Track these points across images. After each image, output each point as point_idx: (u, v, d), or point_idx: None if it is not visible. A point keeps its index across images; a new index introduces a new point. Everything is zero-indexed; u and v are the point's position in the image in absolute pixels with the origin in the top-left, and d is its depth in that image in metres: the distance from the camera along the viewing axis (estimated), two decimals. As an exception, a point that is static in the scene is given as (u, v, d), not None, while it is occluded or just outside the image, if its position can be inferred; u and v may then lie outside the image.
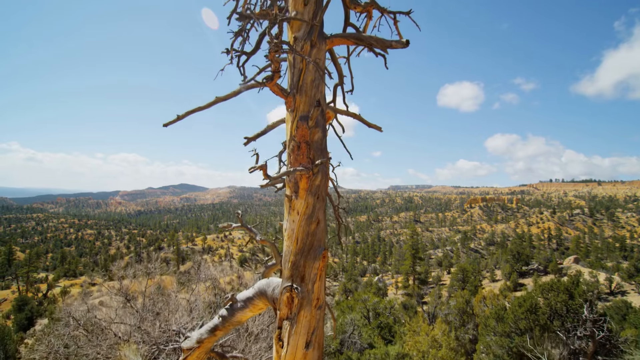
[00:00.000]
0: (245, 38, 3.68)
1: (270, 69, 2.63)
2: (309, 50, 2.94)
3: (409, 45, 3.03)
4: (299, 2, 3.01)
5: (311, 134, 2.86)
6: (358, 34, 3.15)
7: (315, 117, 2.83)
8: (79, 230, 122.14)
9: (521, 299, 10.78)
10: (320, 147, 2.93)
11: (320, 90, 2.97)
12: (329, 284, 61.22)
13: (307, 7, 2.98)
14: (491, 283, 49.11)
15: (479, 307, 13.98)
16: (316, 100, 2.85)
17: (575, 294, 10.83)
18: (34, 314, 29.22)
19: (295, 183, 2.85)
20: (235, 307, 3.24)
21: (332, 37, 3.15)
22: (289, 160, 2.94)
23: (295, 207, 2.87)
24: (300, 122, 2.81)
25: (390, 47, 2.97)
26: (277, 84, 2.83)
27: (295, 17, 2.96)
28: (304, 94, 2.91)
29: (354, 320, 10.61)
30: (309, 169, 2.78)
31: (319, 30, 2.95)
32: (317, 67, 2.83)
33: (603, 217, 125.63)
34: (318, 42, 2.96)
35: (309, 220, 2.82)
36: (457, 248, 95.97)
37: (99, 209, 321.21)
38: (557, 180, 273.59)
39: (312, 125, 2.85)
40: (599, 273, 39.84)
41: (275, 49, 2.47)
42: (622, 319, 22.26)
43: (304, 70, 2.86)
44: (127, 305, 9.35)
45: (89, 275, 57.35)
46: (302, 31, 2.97)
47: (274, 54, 2.50)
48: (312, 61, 2.73)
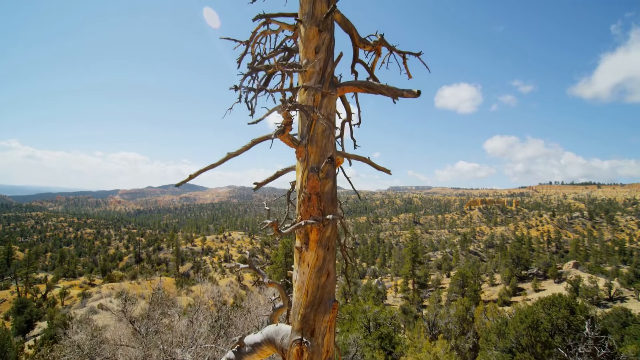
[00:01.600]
0: (254, 77, 3.67)
1: (282, 122, 2.62)
2: (320, 100, 2.93)
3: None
4: (310, 50, 3.00)
5: (322, 185, 2.85)
6: (369, 82, 3.14)
7: (326, 170, 2.83)
8: (78, 229, 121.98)
9: (523, 315, 10.77)
10: (331, 197, 2.92)
11: (330, 141, 2.97)
12: (328, 286, 61.22)
13: (318, 55, 2.97)
14: (491, 287, 49.14)
15: (480, 319, 13.97)
16: (328, 156, 2.84)
17: (576, 310, 10.84)
18: (33, 317, 29.19)
19: (306, 235, 2.85)
20: (242, 352, 3.23)
21: (343, 85, 3.14)
22: (299, 211, 2.93)
23: (305, 259, 2.86)
24: (311, 174, 2.80)
25: (401, 96, 2.96)
26: (288, 135, 2.82)
27: (306, 66, 2.95)
28: (315, 144, 2.91)
29: (356, 340, 10.58)
30: (320, 221, 2.77)
31: (330, 79, 2.94)
32: (328, 120, 2.83)
33: (602, 220, 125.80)
34: (329, 91, 2.95)
35: (319, 273, 2.82)
36: (457, 250, 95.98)
37: (99, 207, 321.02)
38: (556, 182, 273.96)
39: (323, 177, 2.84)
40: (598, 278, 39.84)
41: (287, 108, 2.46)
42: (621, 327, 22.31)
43: (315, 121, 2.85)
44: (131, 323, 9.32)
45: (88, 276, 57.30)
46: (314, 80, 2.97)
47: (287, 112, 2.50)
48: (323, 117, 2.72)
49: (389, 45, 3.82)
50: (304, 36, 3.02)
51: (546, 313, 11.33)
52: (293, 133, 3.27)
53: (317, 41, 2.98)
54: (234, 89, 3.72)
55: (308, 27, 2.97)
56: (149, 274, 59.56)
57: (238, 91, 3.70)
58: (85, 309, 32.23)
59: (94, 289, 45.28)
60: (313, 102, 2.92)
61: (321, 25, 2.95)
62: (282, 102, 2.45)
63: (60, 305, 38.93)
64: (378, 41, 3.79)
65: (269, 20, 3.35)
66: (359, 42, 3.69)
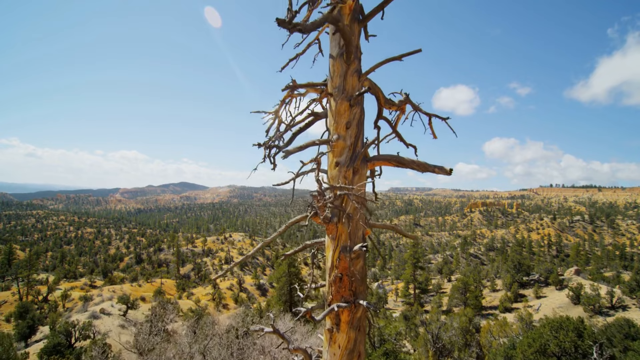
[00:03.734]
0: (280, 137, 3.65)
1: (316, 205, 2.60)
2: (352, 177, 2.91)
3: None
4: (341, 126, 2.98)
5: (353, 264, 2.84)
6: (399, 157, 3.12)
7: (358, 252, 2.81)
8: (78, 228, 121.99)
9: (530, 339, 10.75)
10: (362, 277, 2.90)
11: (361, 218, 2.95)
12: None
13: (349, 131, 2.95)
14: (492, 293, 49.09)
15: (486, 337, 13.95)
16: (360, 234, 2.83)
17: (584, 334, 10.82)
18: (36, 322, 29.17)
19: (337, 316, 2.83)
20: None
21: (373, 160, 3.12)
22: (329, 290, 2.92)
23: (336, 341, 2.84)
24: (343, 254, 2.79)
25: (432, 172, 2.94)
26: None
27: (337, 141, 2.93)
28: (347, 223, 2.88)
29: None
30: (351, 303, 2.76)
31: (362, 157, 2.92)
32: (359, 198, 2.81)
33: (603, 224, 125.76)
34: (361, 167, 2.93)
35: (350, 355, 2.80)
36: (457, 253, 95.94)
37: (99, 206, 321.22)
38: (557, 185, 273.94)
39: (354, 257, 2.83)
40: (600, 286, 39.83)
41: (320, 197, 2.44)
42: (624, 338, 22.30)
43: (346, 200, 2.83)
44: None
45: (89, 277, 57.28)
46: (345, 156, 2.95)
47: (319, 198, 2.47)
48: (355, 196, 2.70)
49: (413, 105, 3.80)
50: (334, 110, 3.00)
51: (554, 336, 11.31)
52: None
53: (348, 117, 2.95)
54: (257, 146, 3.72)
55: (339, 102, 2.95)
56: (149, 275, 59.58)
57: (261, 147, 3.70)
58: (87, 314, 32.23)
59: (95, 291, 45.28)
60: (344, 179, 2.90)
61: (353, 100, 2.93)
62: (313, 197, 2.43)
63: (62, 308, 38.92)
64: (403, 100, 3.78)
65: (297, 88, 3.32)
66: (384, 103, 3.68)
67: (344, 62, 2.93)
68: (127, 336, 29.57)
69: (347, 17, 2.89)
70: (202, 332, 15.97)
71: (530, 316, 28.36)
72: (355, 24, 2.95)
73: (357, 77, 3.01)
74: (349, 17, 2.90)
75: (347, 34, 2.64)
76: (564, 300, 35.44)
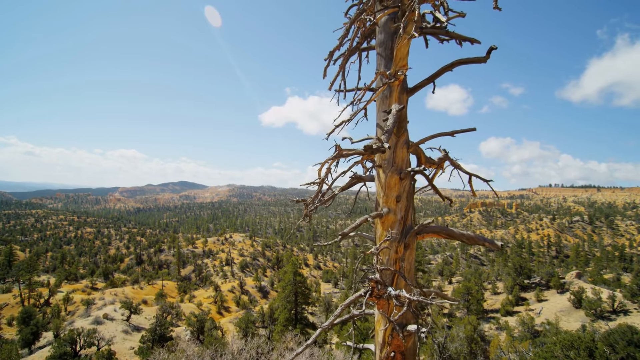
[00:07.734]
0: (322, 195, 3.65)
1: (371, 286, 2.59)
2: (403, 252, 2.90)
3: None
4: (391, 199, 2.96)
5: (405, 342, 2.83)
6: (450, 230, 3.11)
7: (412, 331, 2.81)
8: (78, 228, 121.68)
9: (542, 358, 10.79)
10: (413, 353, 2.90)
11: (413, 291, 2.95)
12: (330, 290, 61.30)
13: (399, 205, 2.94)
14: (493, 296, 49.29)
15: (495, 352, 14.02)
16: (412, 309, 2.82)
17: (596, 354, 10.87)
18: (39, 327, 29.14)
19: (389, 393, 2.83)
20: None
21: (423, 233, 3.11)
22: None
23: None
24: (395, 332, 2.78)
25: (482, 246, 2.94)
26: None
27: (387, 215, 2.92)
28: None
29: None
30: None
31: (414, 232, 2.91)
32: (409, 273, 2.80)
33: (602, 225, 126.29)
34: (412, 241, 2.92)
35: None
36: (457, 254, 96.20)
37: (98, 205, 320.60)
38: (556, 185, 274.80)
39: (407, 334, 2.82)
40: (601, 290, 40.04)
41: (376, 284, 2.44)
42: (627, 344, 22.43)
43: (397, 276, 2.83)
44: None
45: (90, 279, 57.18)
46: (395, 230, 2.93)
47: (375, 283, 2.47)
48: (404, 274, 2.70)
49: (453, 162, 3.79)
50: (383, 182, 2.98)
51: (565, 355, 11.36)
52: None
53: (398, 190, 2.94)
54: (300, 201, 3.72)
55: (389, 175, 2.93)
56: (150, 277, 59.51)
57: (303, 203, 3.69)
58: (90, 319, 32.20)
59: (96, 294, 45.22)
60: (395, 254, 2.89)
61: (403, 174, 2.92)
62: (362, 286, 2.43)
63: (64, 312, 38.84)
64: (442, 158, 3.77)
65: (341, 157, 3.31)
66: (425, 162, 3.66)
67: (394, 134, 2.91)
68: (131, 342, 29.62)
69: (396, 88, 2.87)
70: (208, 339, 15.94)
71: (532, 320, 28.51)
72: (404, 95, 2.93)
73: (407, 149, 3.00)
74: (398, 89, 2.88)
75: (403, 114, 2.63)
76: (566, 304, 35.62)
